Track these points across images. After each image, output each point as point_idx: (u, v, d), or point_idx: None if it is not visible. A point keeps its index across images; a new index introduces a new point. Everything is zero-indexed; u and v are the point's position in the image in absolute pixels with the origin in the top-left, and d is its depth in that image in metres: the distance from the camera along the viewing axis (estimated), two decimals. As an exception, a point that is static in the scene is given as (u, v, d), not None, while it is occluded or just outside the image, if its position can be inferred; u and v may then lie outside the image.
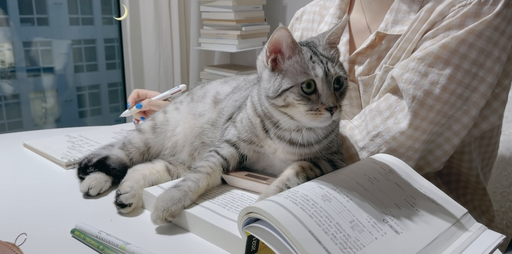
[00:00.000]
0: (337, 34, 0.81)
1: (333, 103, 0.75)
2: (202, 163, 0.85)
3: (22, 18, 3.41)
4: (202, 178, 0.81)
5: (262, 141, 0.86)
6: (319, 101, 0.75)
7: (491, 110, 1.01)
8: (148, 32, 2.82)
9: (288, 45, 0.77)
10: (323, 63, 0.76)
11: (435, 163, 1.01)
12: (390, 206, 0.73)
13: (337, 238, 0.63)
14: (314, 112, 0.75)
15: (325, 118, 0.76)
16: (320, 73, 0.75)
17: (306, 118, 0.77)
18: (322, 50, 0.79)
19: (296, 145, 0.83)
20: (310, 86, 0.76)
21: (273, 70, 0.79)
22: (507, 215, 1.34)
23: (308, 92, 0.76)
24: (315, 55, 0.78)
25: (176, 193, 0.78)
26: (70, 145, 1.18)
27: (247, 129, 0.87)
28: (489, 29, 0.92)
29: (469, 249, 0.70)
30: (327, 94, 0.75)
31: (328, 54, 0.79)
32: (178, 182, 0.81)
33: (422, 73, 0.94)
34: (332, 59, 0.78)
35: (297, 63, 0.77)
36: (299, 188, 0.71)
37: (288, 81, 0.77)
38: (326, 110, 0.75)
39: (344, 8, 1.20)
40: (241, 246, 0.67)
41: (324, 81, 0.75)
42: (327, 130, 0.84)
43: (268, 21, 2.82)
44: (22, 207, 0.88)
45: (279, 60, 0.78)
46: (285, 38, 0.76)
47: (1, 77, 3.36)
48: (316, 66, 0.76)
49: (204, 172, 0.83)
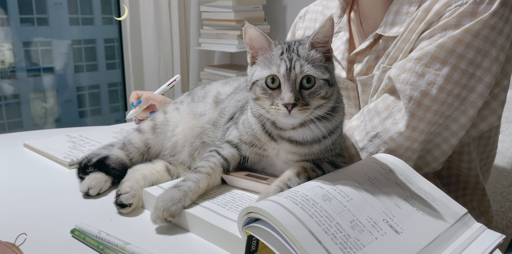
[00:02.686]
0: (322, 33, 0.79)
1: (289, 100, 0.75)
2: (202, 163, 0.85)
3: (22, 18, 3.41)
4: (203, 178, 0.81)
5: (265, 144, 0.86)
6: (279, 97, 0.77)
7: (490, 111, 1.01)
8: (148, 32, 2.82)
9: (259, 42, 0.80)
10: (291, 60, 0.77)
11: (433, 163, 1.01)
12: (390, 205, 0.73)
13: (337, 238, 0.63)
14: (275, 107, 0.77)
15: (283, 114, 0.77)
16: (283, 69, 0.76)
17: (271, 112, 0.79)
18: (300, 49, 0.79)
19: (295, 143, 0.83)
20: (274, 81, 0.78)
21: (252, 65, 0.83)
22: (507, 215, 1.34)
23: (272, 87, 0.78)
24: (287, 52, 0.78)
25: (176, 193, 0.78)
26: (71, 145, 1.18)
27: (248, 131, 0.87)
28: (486, 29, 0.92)
29: (469, 249, 0.70)
30: (286, 90, 0.76)
31: (304, 53, 0.79)
32: (178, 182, 0.81)
33: (419, 74, 0.94)
34: (307, 58, 0.78)
35: (266, 58, 0.79)
36: (299, 188, 0.71)
37: (256, 74, 0.80)
38: (284, 106, 0.76)
39: (345, 8, 1.20)
40: (241, 246, 0.67)
41: (286, 77, 0.76)
42: (323, 127, 0.82)
43: (268, 21, 2.82)
44: (22, 207, 0.88)
45: (257, 55, 0.82)
46: (254, 35, 0.80)
47: (1, 77, 3.36)
48: (282, 63, 0.77)
49: (205, 172, 0.83)
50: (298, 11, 1.38)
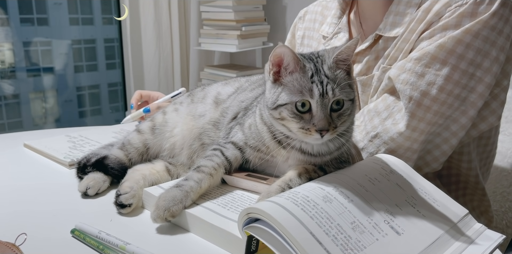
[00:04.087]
0: (346, 53, 0.76)
1: (323, 127, 0.74)
2: (205, 162, 0.85)
3: (22, 18, 3.41)
4: (205, 179, 0.81)
5: (273, 150, 0.84)
6: (311, 122, 0.75)
7: (490, 111, 1.01)
8: (148, 32, 2.82)
9: (290, 62, 0.76)
10: (322, 84, 0.74)
11: (433, 163, 1.01)
12: (391, 206, 0.73)
13: (338, 240, 0.62)
14: (305, 131, 0.75)
15: (315, 139, 0.76)
16: (316, 95, 0.74)
17: (298, 134, 0.77)
18: (326, 69, 0.76)
19: (307, 154, 0.82)
20: (304, 105, 0.75)
21: (275, 82, 0.79)
22: (507, 215, 1.34)
23: (303, 111, 0.75)
24: (317, 74, 0.75)
25: (178, 193, 0.77)
26: (71, 145, 1.18)
27: (255, 136, 0.86)
28: (486, 29, 0.92)
29: (469, 249, 0.70)
30: (320, 116, 0.74)
31: (332, 74, 0.76)
32: (180, 181, 0.81)
33: (418, 74, 0.94)
34: (335, 79, 0.75)
35: (296, 80, 0.76)
36: (300, 189, 0.71)
37: (284, 97, 0.76)
38: (316, 132, 0.74)
39: (344, 8, 1.20)
40: (241, 246, 0.67)
41: (319, 103, 0.74)
42: (338, 143, 0.81)
43: (268, 21, 2.82)
44: (22, 207, 0.87)
45: (282, 73, 0.78)
46: (286, 54, 0.76)
47: (1, 77, 3.36)
48: (314, 87, 0.74)
49: (207, 172, 0.82)
50: (298, 11, 1.38)
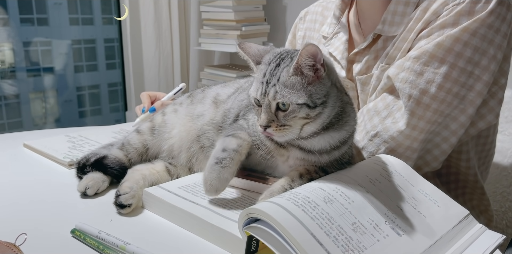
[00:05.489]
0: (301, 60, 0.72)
1: (262, 123, 0.76)
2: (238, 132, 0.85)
3: (22, 18, 3.41)
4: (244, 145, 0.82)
5: (272, 150, 0.83)
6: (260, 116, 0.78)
7: (488, 109, 1.02)
8: (148, 32, 2.82)
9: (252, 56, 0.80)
10: (268, 84, 0.75)
11: (433, 162, 1.02)
12: (392, 207, 0.73)
13: (339, 241, 0.62)
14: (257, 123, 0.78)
15: (260, 132, 0.78)
16: (258, 95, 0.76)
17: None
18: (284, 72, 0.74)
19: (305, 150, 0.81)
20: (258, 101, 0.78)
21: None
22: (507, 215, 1.34)
23: (259, 105, 0.78)
24: (269, 73, 0.76)
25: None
26: (71, 145, 1.18)
27: (255, 135, 0.85)
28: (483, 27, 0.92)
29: (469, 250, 0.70)
30: (263, 112, 0.76)
31: (284, 77, 0.74)
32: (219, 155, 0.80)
33: (417, 72, 0.94)
34: (285, 83, 0.74)
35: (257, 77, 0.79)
36: (301, 190, 0.71)
37: (250, 89, 0.80)
38: (260, 126, 0.77)
39: (343, 8, 1.20)
40: (241, 246, 0.67)
41: (262, 101, 0.76)
42: (332, 139, 0.80)
43: (268, 21, 2.82)
44: (22, 207, 0.87)
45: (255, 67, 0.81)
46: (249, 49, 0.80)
47: (1, 77, 3.36)
48: (260, 86, 0.76)
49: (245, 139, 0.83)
50: (298, 11, 1.39)
